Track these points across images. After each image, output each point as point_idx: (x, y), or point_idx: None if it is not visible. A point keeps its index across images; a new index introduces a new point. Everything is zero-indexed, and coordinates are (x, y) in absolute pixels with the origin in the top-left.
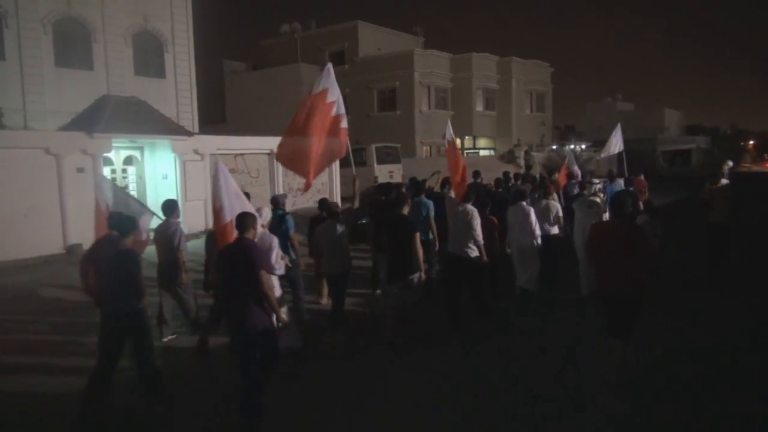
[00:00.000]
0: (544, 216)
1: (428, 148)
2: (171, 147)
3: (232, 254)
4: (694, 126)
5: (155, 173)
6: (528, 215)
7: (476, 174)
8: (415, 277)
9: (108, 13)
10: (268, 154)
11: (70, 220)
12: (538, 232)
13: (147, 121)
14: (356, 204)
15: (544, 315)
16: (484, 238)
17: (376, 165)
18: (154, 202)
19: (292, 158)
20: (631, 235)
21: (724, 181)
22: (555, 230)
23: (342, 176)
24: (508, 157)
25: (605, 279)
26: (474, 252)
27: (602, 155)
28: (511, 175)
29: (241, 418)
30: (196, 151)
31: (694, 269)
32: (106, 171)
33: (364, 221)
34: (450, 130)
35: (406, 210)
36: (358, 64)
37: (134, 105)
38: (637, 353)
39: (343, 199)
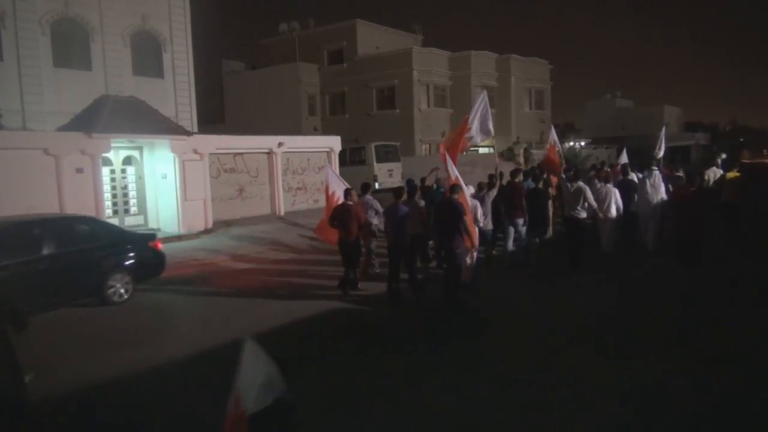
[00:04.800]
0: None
1: (427, 146)
2: (170, 147)
3: (444, 206)
4: (693, 123)
5: (154, 173)
6: (615, 194)
7: (491, 178)
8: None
9: (106, 13)
10: (267, 153)
11: None
12: (620, 206)
13: (146, 121)
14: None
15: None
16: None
17: (375, 163)
18: (154, 202)
19: (448, 148)
20: (699, 196)
21: (718, 170)
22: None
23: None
24: (508, 154)
25: (682, 224)
26: (582, 214)
27: (659, 152)
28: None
29: (450, 309)
30: (195, 151)
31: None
32: (105, 171)
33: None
34: (554, 134)
35: (540, 185)
36: (356, 62)
37: (133, 105)
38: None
39: None
